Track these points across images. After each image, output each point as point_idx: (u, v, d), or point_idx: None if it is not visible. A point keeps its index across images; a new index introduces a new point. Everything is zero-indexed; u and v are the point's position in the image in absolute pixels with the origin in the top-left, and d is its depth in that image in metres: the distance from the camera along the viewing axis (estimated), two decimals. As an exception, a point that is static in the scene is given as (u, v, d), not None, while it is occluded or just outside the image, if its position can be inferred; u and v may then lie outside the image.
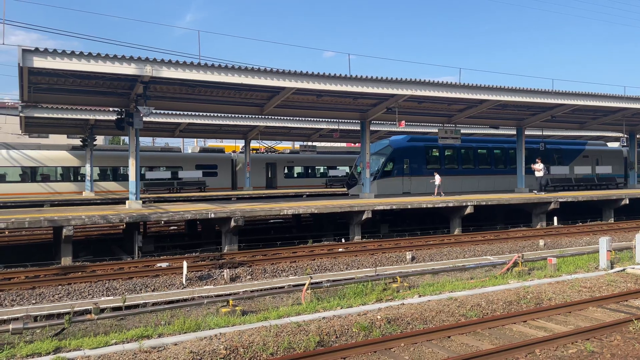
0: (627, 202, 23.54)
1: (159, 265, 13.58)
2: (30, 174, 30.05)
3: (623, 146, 32.15)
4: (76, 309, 9.32)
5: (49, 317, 9.27)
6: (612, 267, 12.89)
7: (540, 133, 32.76)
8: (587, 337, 7.74)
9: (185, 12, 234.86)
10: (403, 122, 20.89)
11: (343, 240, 18.01)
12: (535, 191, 24.05)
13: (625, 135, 30.44)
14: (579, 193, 24.66)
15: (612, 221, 23.68)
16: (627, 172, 33.68)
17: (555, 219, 22.03)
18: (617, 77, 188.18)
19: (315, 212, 17.70)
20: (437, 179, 23.13)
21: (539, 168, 23.93)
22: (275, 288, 11.33)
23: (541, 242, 17.14)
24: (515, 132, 27.37)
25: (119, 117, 17.69)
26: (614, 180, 32.05)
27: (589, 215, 24.39)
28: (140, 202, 17.88)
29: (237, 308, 9.32)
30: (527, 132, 27.92)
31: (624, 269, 12.61)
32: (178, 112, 25.88)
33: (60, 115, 23.93)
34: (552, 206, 21.43)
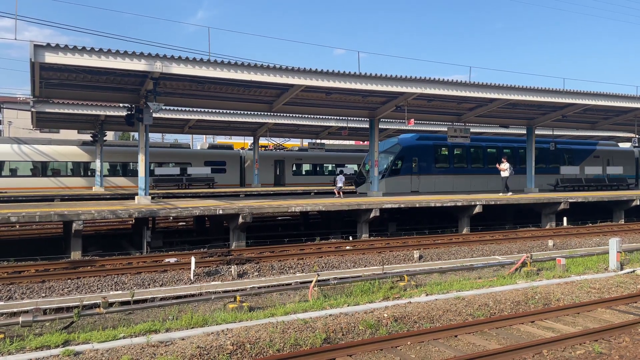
0: (638, 203, 23.31)
1: (167, 260, 13.66)
2: (41, 169, 30.33)
3: (634, 147, 31.89)
4: (85, 302, 9.40)
5: (59, 310, 9.36)
6: (621, 269, 12.79)
7: (551, 133, 32.54)
8: (595, 338, 7.69)
9: (197, 9, 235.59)
10: (412, 120, 20.83)
11: (351, 238, 17.99)
12: (510, 192, 23.01)
13: (637, 136, 30.19)
14: (589, 193, 24.45)
15: (623, 222, 23.46)
16: (639, 173, 33.38)
17: (564, 219, 21.87)
18: (630, 77, 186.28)
19: (323, 209, 17.71)
20: (339, 179, 22.35)
21: (504, 168, 22.96)
22: (283, 285, 11.35)
23: (550, 243, 17.03)
24: (525, 132, 27.20)
25: (129, 113, 17.80)
26: (624, 181, 31.75)
27: (599, 216, 24.19)
28: (149, 197, 17.98)
29: (244, 304, 9.35)
30: (537, 132, 27.74)
31: (633, 271, 12.51)
32: (187, 109, 26.00)
33: (71, 111, 24.12)
34: (561, 206, 21.28)
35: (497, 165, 23.41)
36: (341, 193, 22.31)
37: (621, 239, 13.29)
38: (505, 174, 22.95)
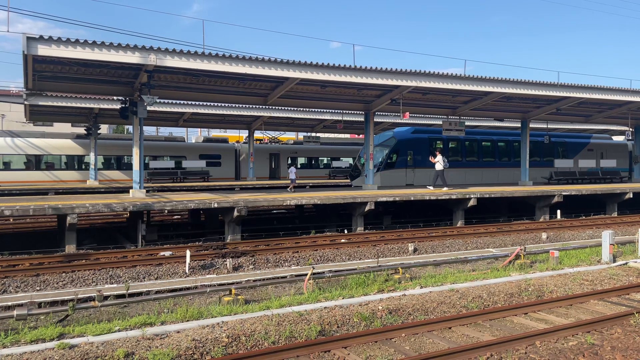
0: (631, 196, 23.46)
1: (162, 254, 13.65)
2: (34, 162, 30.16)
3: (628, 140, 32.02)
4: (80, 296, 9.39)
5: (53, 303, 9.35)
6: (614, 261, 12.89)
7: (545, 126, 32.64)
8: (588, 330, 7.76)
9: (192, 1, 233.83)
10: (407, 113, 20.80)
11: (346, 231, 18.04)
12: (431, 187, 22.19)
13: (631, 129, 30.29)
14: (582, 186, 24.57)
15: (616, 215, 23.62)
16: (632, 166, 33.56)
17: (558, 212, 21.99)
18: (624, 71, 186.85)
19: (318, 203, 17.73)
20: (292, 172, 21.71)
21: (436, 160, 21.93)
22: (278, 278, 11.38)
23: (544, 235, 17.14)
24: (520, 125, 27.27)
25: (123, 106, 17.72)
26: (618, 174, 31.92)
27: (593, 209, 24.33)
28: (144, 191, 17.93)
29: (239, 297, 9.37)
30: (532, 125, 27.81)
31: (626, 263, 12.61)
32: (182, 102, 25.88)
33: (64, 104, 23.96)
34: (555, 199, 21.39)
35: (431, 158, 22.46)
36: (292, 187, 21.74)
37: (614, 232, 13.38)
38: (438, 167, 21.93)
